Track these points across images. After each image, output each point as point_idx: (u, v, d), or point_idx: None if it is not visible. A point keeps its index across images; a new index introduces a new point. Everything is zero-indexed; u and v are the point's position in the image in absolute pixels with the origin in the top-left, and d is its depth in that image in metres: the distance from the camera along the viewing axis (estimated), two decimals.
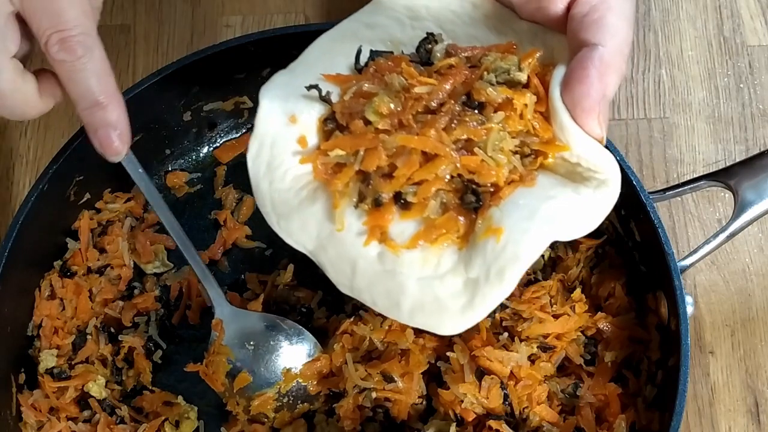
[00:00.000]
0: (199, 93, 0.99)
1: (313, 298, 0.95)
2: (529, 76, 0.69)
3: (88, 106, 0.75)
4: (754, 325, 0.99)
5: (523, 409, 0.84)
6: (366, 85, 0.70)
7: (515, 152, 0.68)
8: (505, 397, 0.83)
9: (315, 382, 0.89)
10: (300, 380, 0.89)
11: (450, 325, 0.68)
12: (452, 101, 0.68)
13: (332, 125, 0.71)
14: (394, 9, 0.78)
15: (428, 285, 0.67)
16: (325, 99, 0.72)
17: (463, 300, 0.67)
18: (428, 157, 0.67)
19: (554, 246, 0.94)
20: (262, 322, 0.91)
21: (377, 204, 0.68)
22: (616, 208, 0.89)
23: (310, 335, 0.90)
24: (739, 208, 0.84)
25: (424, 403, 0.88)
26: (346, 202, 0.69)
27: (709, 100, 1.10)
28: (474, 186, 0.67)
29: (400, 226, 0.68)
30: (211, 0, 1.16)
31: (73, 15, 0.72)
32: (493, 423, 0.82)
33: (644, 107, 1.10)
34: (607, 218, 0.91)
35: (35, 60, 0.78)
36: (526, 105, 0.67)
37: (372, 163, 0.67)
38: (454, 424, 0.84)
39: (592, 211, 0.68)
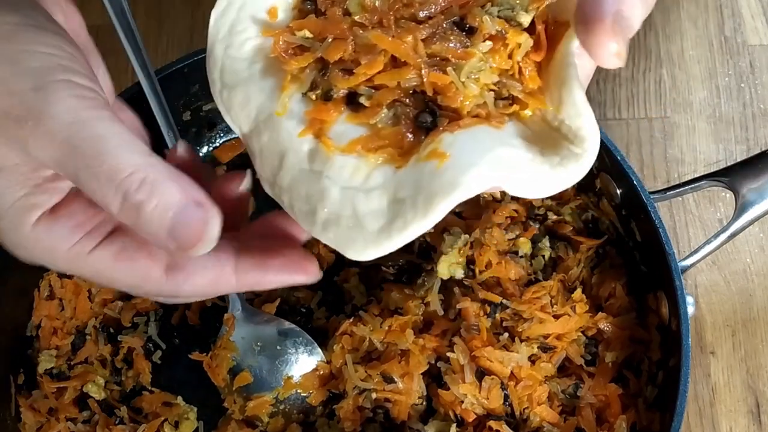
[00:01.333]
0: (198, 93, 0.99)
1: (312, 298, 0.95)
2: (534, 22, 0.64)
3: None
4: (755, 326, 0.99)
5: (524, 409, 0.84)
6: None
7: (491, 90, 0.63)
8: (506, 397, 0.83)
9: (314, 393, 0.89)
10: (299, 390, 0.89)
11: (360, 248, 0.60)
12: (442, 17, 0.64)
13: (310, 6, 0.67)
14: None
15: (351, 196, 0.61)
16: None
17: (381, 221, 0.60)
18: (396, 64, 0.63)
19: (555, 246, 0.94)
20: (275, 326, 0.90)
21: (326, 98, 0.64)
22: (617, 207, 0.90)
23: (320, 351, 0.90)
24: (740, 208, 0.84)
25: (425, 403, 0.87)
26: (296, 87, 0.65)
27: (710, 100, 1.10)
28: (434, 106, 0.62)
29: (342, 128, 0.63)
30: (211, 0, 1.16)
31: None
32: (493, 423, 0.82)
33: (645, 107, 1.10)
34: (608, 218, 0.92)
35: None
36: (519, 45, 0.62)
37: (336, 53, 0.63)
38: (455, 424, 0.83)
39: (550, 179, 0.61)
